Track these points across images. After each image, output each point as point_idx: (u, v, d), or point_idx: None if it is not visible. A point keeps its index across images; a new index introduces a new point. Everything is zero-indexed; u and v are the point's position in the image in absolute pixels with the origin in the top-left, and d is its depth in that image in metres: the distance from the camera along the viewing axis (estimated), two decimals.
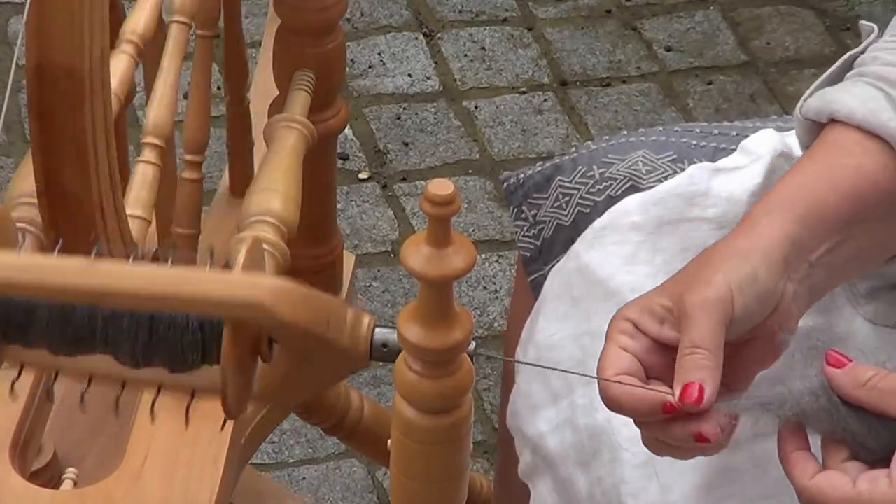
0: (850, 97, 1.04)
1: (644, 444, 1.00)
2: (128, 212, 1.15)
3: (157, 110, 1.18)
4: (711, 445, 0.97)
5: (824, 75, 1.10)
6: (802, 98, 1.09)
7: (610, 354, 0.97)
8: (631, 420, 1.09)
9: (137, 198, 1.13)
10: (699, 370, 0.95)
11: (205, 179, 1.32)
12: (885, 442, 0.93)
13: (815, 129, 1.07)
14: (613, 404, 0.97)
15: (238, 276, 0.81)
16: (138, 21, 1.18)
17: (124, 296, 0.80)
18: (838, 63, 1.10)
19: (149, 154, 1.16)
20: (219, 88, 1.98)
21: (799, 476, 0.93)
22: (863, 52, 1.10)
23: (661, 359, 0.97)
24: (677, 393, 0.94)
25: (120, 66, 1.15)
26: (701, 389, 0.94)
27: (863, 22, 1.13)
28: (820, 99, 1.07)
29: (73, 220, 1.03)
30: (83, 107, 1.00)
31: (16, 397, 1.07)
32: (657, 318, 0.98)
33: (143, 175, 1.15)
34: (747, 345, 0.99)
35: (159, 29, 1.22)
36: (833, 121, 1.05)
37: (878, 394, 0.93)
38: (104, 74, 1.01)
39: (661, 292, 0.99)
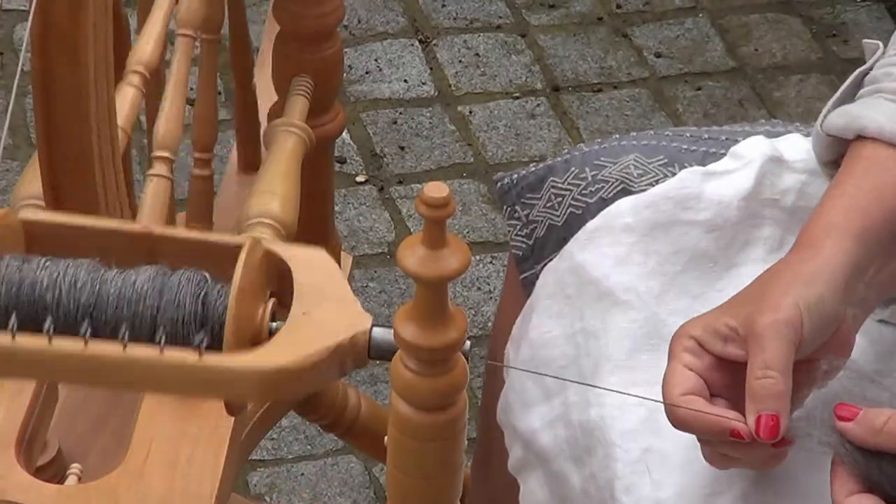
0: (877, 113, 1.05)
1: (704, 457, 1.00)
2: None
3: (166, 124, 1.19)
4: (774, 455, 0.98)
5: (837, 93, 1.10)
6: (822, 114, 1.09)
7: (676, 373, 0.98)
8: (624, 417, 1.11)
9: (152, 211, 1.14)
10: (773, 398, 0.95)
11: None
12: None
13: (835, 145, 1.08)
14: (682, 426, 0.97)
15: (221, 363, 0.83)
16: (144, 50, 1.18)
17: (117, 382, 0.83)
18: (849, 80, 1.11)
19: (159, 168, 1.17)
20: (219, 93, 1.98)
21: (837, 491, 0.94)
22: (870, 68, 1.11)
23: (724, 376, 0.98)
24: (751, 422, 0.95)
25: (126, 98, 1.16)
26: (777, 423, 0.95)
27: (867, 41, 1.13)
28: (844, 116, 1.07)
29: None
30: (87, 108, 1.01)
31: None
32: (721, 336, 0.99)
33: (154, 188, 1.16)
34: (808, 364, 1.00)
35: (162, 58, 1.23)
36: (860, 138, 1.06)
37: None
38: (108, 76, 1.02)
39: (726, 312, 1.00)
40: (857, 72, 1.11)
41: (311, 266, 0.88)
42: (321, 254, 0.89)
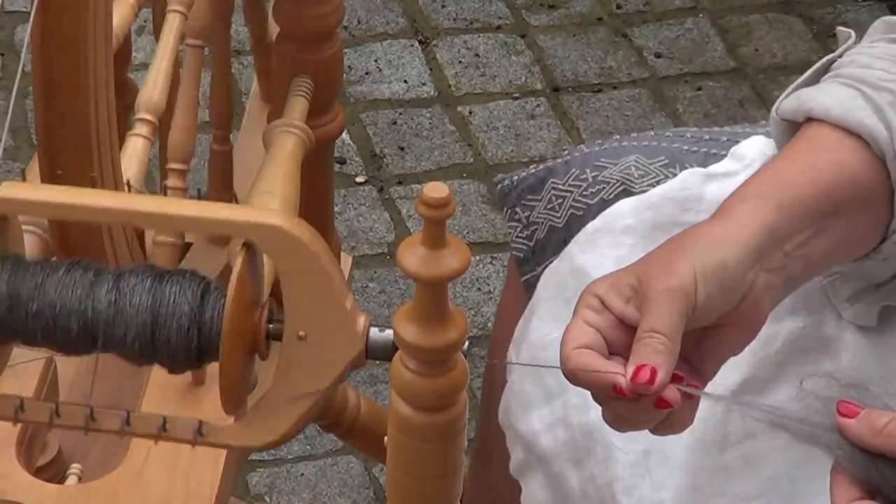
0: (827, 96, 1.04)
1: (605, 420, 0.98)
2: (160, 239, 1.15)
3: (178, 135, 1.19)
4: (675, 420, 0.96)
5: (801, 78, 1.09)
6: (779, 99, 1.09)
7: (574, 328, 0.96)
8: None
9: (127, 171, 1.13)
10: (654, 354, 0.93)
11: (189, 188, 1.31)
12: None
13: (791, 130, 1.07)
14: (574, 381, 0.96)
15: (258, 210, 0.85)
16: (151, 96, 1.18)
17: (161, 217, 0.85)
18: (815, 66, 1.10)
19: (140, 128, 1.17)
20: None
21: (838, 497, 0.93)
22: (840, 56, 1.10)
23: (625, 336, 0.96)
24: (629, 373, 0.93)
25: (118, 15, 1.15)
26: (653, 371, 0.93)
27: (840, 28, 1.13)
28: (796, 99, 1.06)
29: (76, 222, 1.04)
30: (88, 109, 1.01)
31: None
32: (623, 296, 0.97)
33: (133, 148, 1.16)
34: (717, 330, 0.98)
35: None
36: (809, 120, 1.05)
37: None
38: (108, 75, 1.02)
39: (631, 271, 0.98)
40: (824, 59, 1.10)
41: (301, 278, 0.88)
42: (314, 262, 0.89)
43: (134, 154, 1.15)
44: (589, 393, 0.99)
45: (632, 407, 0.95)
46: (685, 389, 0.95)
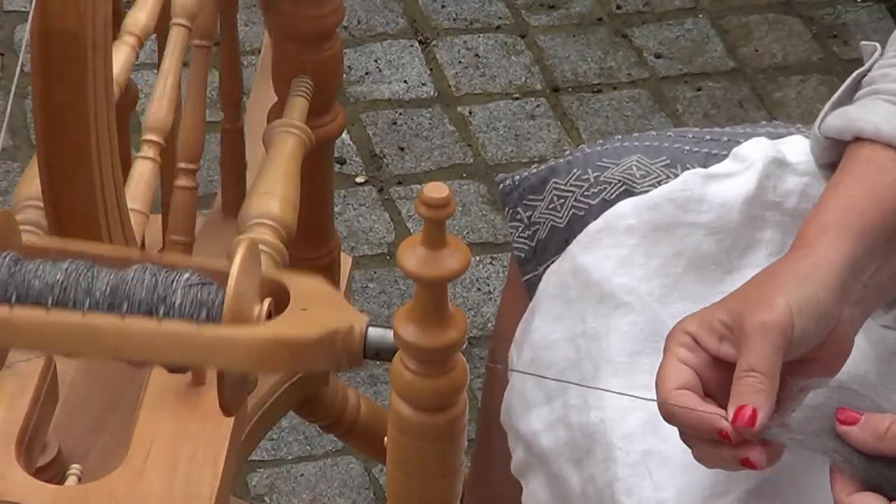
0: (874, 115, 1.05)
1: (695, 457, 0.99)
2: (173, 238, 1.16)
3: (157, 108, 1.18)
4: (770, 461, 0.97)
5: (835, 95, 1.10)
6: (819, 117, 1.09)
7: (670, 366, 0.97)
8: (624, 419, 1.11)
9: (135, 193, 1.13)
10: (754, 394, 0.94)
11: (199, 186, 1.31)
12: None
13: (834, 148, 1.08)
14: (673, 421, 0.97)
15: (221, 335, 0.84)
16: (158, 115, 1.18)
17: (109, 352, 0.85)
18: (847, 82, 1.10)
19: (147, 151, 1.17)
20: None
21: (839, 491, 0.94)
22: (868, 70, 1.11)
23: (719, 375, 0.98)
24: (730, 415, 0.95)
25: (120, 57, 1.15)
26: (754, 413, 0.94)
27: (864, 42, 1.13)
28: (842, 118, 1.07)
29: (76, 221, 1.04)
30: (88, 109, 1.01)
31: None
32: (716, 333, 0.98)
33: (140, 171, 1.16)
34: (802, 364, 1.00)
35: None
36: (858, 139, 1.06)
37: None
38: (108, 76, 1.02)
39: (722, 308, 0.99)
40: (854, 74, 1.11)
41: (309, 286, 0.88)
42: (320, 283, 0.89)
43: (142, 177, 1.15)
44: (590, 393, 0.99)
45: (721, 456, 0.96)
46: (769, 437, 0.96)
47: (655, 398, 0.98)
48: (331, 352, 0.86)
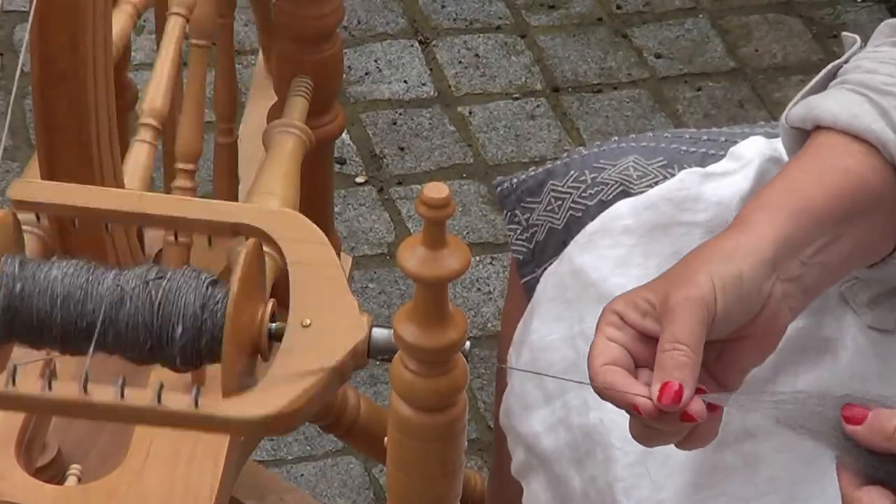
0: (833, 103, 1.05)
1: (631, 434, 0.99)
2: (171, 239, 1.16)
3: (153, 93, 1.19)
4: (700, 433, 0.97)
5: (808, 85, 1.10)
6: (787, 107, 1.09)
7: (598, 345, 0.98)
8: (624, 420, 1.11)
9: (132, 177, 1.13)
10: (678, 368, 0.95)
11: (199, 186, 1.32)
12: None
13: (801, 137, 1.08)
14: (603, 397, 0.97)
15: (216, 412, 0.84)
16: (154, 101, 1.18)
17: (173, 217, 0.88)
18: (821, 73, 1.10)
19: (144, 134, 1.17)
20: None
21: (846, 484, 0.93)
22: (846, 62, 1.11)
23: (648, 349, 0.98)
24: (655, 391, 0.94)
25: (117, 24, 1.15)
26: (679, 389, 0.94)
27: (845, 34, 1.13)
28: (804, 107, 1.07)
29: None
30: (87, 108, 1.01)
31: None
32: (640, 311, 0.98)
33: (136, 155, 1.16)
34: (737, 343, 0.99)
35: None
36: (818, 127, 1.06)
37: None
38: (108, 76, 1.02)
39: (648, 288, 0.99)
40: (830, 65, 1.11)
41: (309, 266, 0.88)
42: (322, 251, 0.89)
43: (138, 160, 1.16)
44: (590, 395, 0.99)
45: (662, 424, 0.96)
46: (709, 399, 0.96)
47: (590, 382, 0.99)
48: (336, 383, 0.87)
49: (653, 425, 0.97)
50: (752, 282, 0.98)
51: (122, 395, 0.84)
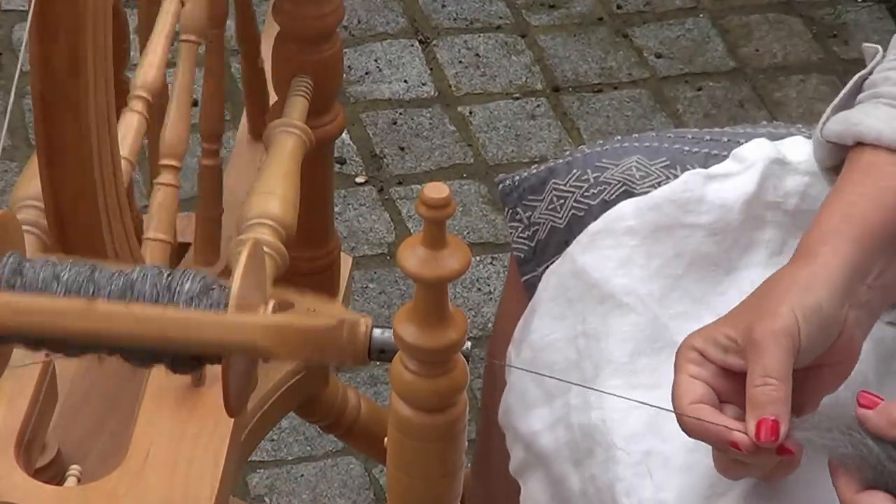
0: (875, 120, 1.06)
1: (717, 468, 1.01)
2: (150, 235, 1.16)
3: (171, 131, 1.19)
4: (787, 462, 0.99)
5: (837, 98, 1.11)
6: (821, 121, 1.10)
7: (682, 383, 0.99)
8: (626, 420, 1.11)
9: (159, 221, 1.15)
10: (772, 404, 0.96)
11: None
12: None
13: (836, 151, 1.09)
14: (694, 435, 0.99)
15: (232, 318, 0.84)
16: (147, 74, 1.19)
17: (121, 338, 0.83)
18: (848, 86, 1.11)
19: (135, 104, 1.17)
20: None
21: (844, 489, 0.95)
22: (870, 73, 1.11)
23: (731, 384, 0.99)
24: (751, 428, 0.96)
25: (132, 125, 1.16)
26: (776, 426, 0.96)
27: (866, 45, 1.14)
28: (843, 123, 1.08)
29: (76, 222, 1.04)
30: (86, 109, 1.01)
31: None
32: (721, 347, 1.00)
33: (128, 123, 1.16)
34: (816, 371, 1.01)
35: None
36: (860, 144, 1.06)
37: None
38: (107, 76, 1.02)
39: (725, 323, 1.01)
40: (856, 77, 1.12)
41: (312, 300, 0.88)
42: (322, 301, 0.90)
43: (129, 129, 1.16)
44: (591, 393, 0.99)
45: (753, 458, 0.98)
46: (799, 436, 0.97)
47: (672, 409, 1.00)
48: (339, 342, 0.86)
49: (745, 460, 0.98)
50: (830, 310, 1.00)
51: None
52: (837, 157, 1.10)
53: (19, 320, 0.83)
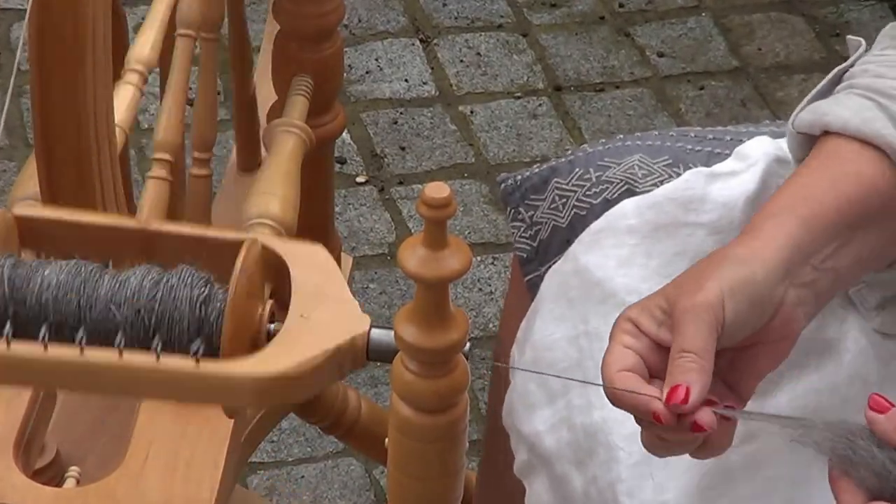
0: (843, 109, 1.05)
1: (644, 444, 1.00)
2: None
3: (166, 126, 1.19)
4: (713, 443, 0.97)
5: (815, 90, 1.10)
6: (794, 112, 1.09)
7: (614, 351, 0.98)
8: (627, 420, 1.11)
9: (150, 214, 1.14)
10: (685, 373, 0.95)
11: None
12: None
13: (808, 143, 1.08)
14: (618, 403, 0.98)
15: (219, 370, 0.83)
16: (144, 48, 1.18)
17: (114, 389, 0.84)
18: (828, 77, 1.10)
19: (131, 77, 1.17)
20: (218, 93, 1.98)
21: (849, 500, 0.94)
22: (852, 65, 1.11)
23: (662, 359, 0.98)
24: (665, 395, 0.95)
25: (125, 97, 1.16)
26: (687, 391, 0.94)
27: (850, 37, 1.14)
28: (812, 112, 1.07)
29: None
30: (85, 107, 1.01)
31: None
32: (655, 320, 0.99)
33: (123, 96, 1.16)
34: (751, 349, 1.00)
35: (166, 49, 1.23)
36: (827, 133, 1.06)
37: None
38: (106, 75, 1.02)
39: (660, 295, 1.00)
40: (836, 69, 1.11)
41: (308, 264, 0.88)
42: (319, 250, 0.89)
43: (124, 101, 1.16)
44: (593, 394, 0.99)
45: (669, 431, 0.96)
46: (720, 412, 0.96)
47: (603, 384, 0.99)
48: (334, 370, 0.86)
49: (664, 435, 0.97)
50: (764, 286, 0.99)
51: (121, 355, 0.83)
52: (808, 149, 1.09)
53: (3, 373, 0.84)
